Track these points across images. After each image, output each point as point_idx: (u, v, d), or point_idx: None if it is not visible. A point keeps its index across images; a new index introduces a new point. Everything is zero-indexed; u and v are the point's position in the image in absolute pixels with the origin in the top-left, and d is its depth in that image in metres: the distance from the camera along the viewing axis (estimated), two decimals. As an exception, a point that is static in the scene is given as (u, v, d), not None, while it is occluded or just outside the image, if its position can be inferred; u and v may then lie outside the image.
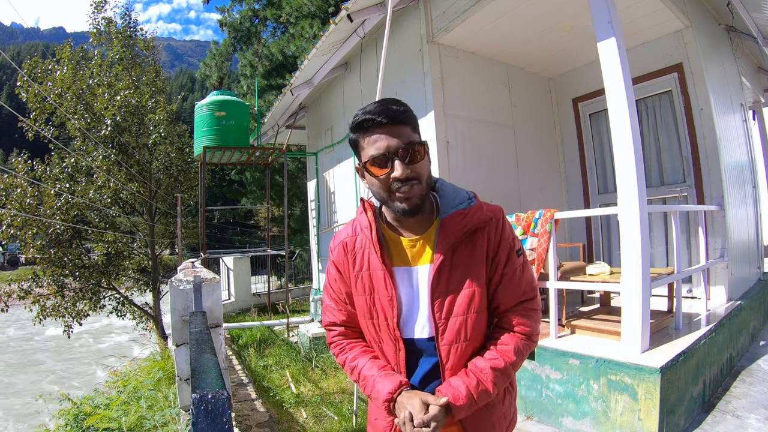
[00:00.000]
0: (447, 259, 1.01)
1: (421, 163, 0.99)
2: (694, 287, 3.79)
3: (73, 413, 4.00)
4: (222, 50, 13.42)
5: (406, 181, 0.97)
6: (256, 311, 9.05)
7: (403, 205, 0.99)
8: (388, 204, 1.02)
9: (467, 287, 1.01)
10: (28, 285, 9.23)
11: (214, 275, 2.46)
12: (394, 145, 0.96)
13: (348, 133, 1.02)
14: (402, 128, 0.99)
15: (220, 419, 0.64)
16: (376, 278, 1.05)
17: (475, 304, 1.01)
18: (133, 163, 10.37)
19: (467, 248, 1.02)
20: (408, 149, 0.97)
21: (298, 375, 4.48)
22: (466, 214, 1.02)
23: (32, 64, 9.93)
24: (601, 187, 4.74)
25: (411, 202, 0.98)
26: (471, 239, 1.03)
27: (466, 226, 1.01)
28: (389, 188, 0.99)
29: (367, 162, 0.98)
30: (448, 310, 1.01)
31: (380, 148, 0.96)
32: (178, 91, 37.65)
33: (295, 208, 14.74)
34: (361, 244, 1.09)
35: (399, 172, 0.96)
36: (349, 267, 1.10)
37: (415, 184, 0.98)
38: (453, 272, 1.01)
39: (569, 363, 2.53)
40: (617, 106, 2.52)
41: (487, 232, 1.03)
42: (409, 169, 0.97)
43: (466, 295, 1.01)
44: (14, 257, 35.27)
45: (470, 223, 1.01)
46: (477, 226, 1.02)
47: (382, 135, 0.97)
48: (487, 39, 4.04)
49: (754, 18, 3.98)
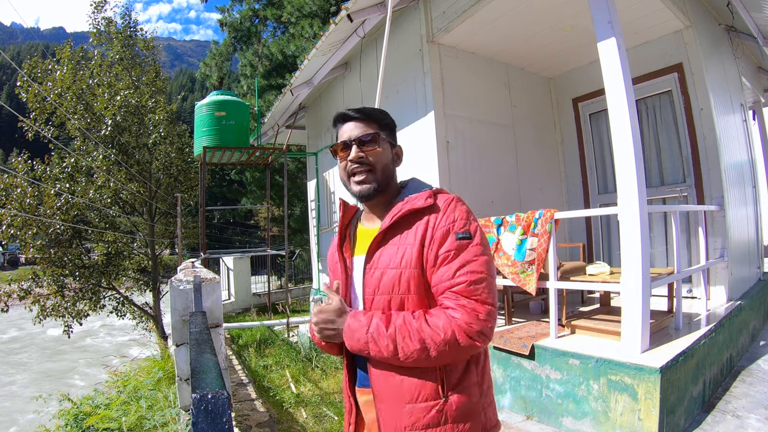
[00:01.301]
0: (385, 238, 1.07)
1: (377, 152, 1.11)
2: (694, 287, 3.79)
3: (73, 413, 4.00)
4: (222, 50, 13.42)
5: (360, 164, 1.10)
6: (256, 311, 9.06)
7: (356, 188, 1.11)
8: (348, 188, 1.15)
9: (395, 267, 1.03)
10: (28, 285, 9.23)
11: (214, 275, 2.46)
12: (357, 134, 1.11)
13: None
14: (369, 123, 1.13)
15: (220, 419, 0.64)
16: (338, 268, 1.17)
17: (401, 286, 1.02)
18: (133, 163, 10.37)
19: (403, 231, 1.05)
20: (366, 137, 1.10)
21: (298, 375, 4.48)
22: (412, 198, 1.08)
23: (32, 64, 9.93)
24: (601, 187, 4.74)
25: (363, 186, 1.10)
26: (411, 222, 1.05)
27: (402, 209, 1.06)
28: (347, 170, 1.13)
29: (335, 146, 1.14)
30: (374, 287, 1.05)
31: (345, 136, 1.13)
32: (178, 91, 37.65)
33: (295, 208, 14.75)
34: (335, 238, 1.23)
35: (353, 155, 1.10)
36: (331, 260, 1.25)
37: (368, 170, 1.10)
38: (386, 250, 1.06)
39: (569, 363, 2.53)
40: (617, 106, 2.52)
41: (426, 215, 1.04)
42: (363, 154, 1.10)
43: (393, 276, 1.03)
44: (14, 257, 35.26)
45: (410, 206, 1.05)
46: (416, 208, 1.04)
47: (351, 125, 1.13)
48: (487, 39, 4.04)
49: (754, 18, 3.98)
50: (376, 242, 1.07)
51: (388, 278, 1.04)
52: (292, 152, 8.34)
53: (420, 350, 0.95)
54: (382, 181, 1.11)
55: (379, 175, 1.11)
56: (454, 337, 0.94)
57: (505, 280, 3.08)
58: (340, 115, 1.15)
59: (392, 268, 1.03)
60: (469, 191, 4.02)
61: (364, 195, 1.11)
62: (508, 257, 3.06)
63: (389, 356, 0.97)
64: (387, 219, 1.07)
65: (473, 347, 0.95)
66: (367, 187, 1.10)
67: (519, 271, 2.98)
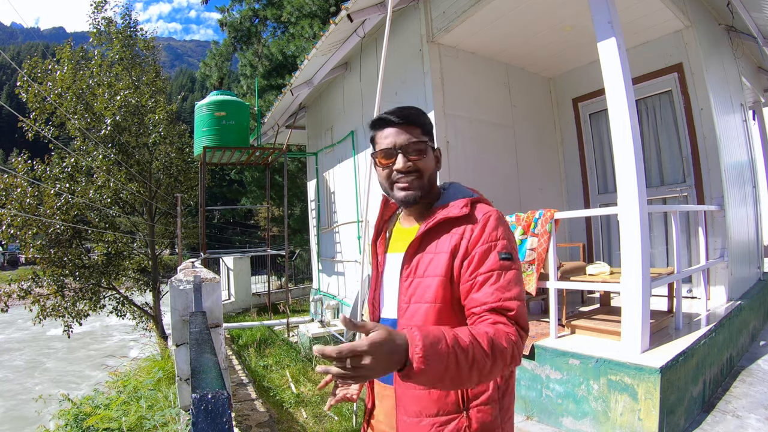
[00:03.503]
0: (419, 246, 1.06)
1: (424, 160, 1.08)
2: (694, 287, 3.79)
3: (73, 413, 4.00)
4: (222, 50, 13.42)
5: (407, 173, 1.07)
6: (256, 311, 9.05)
7: (401, 194, 1.08)
8: (390, 194, 1.12)
9: (430, 276, 1.02)
10: (28, 285, 9.23)
11: (214, 275, 2.46)
12: (401, 141, 1.07)
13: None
14: (412, 128, 1.08)
15: (220, 419, 0.64)
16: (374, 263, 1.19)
17: (435, 295, 1.00)
18: (133, 163, 10.37)
19: (438, 239, 1.04)
20: (412, 145, 1.07)
21: (298, 375, 4.48)
22: (449, 206, 1.06)
23: (32, 64, 9.93)
24: (601, 187, 4.74)
25: (408, 193, 1.08)
26: (446, 230, 1.04)
27: (437, 217, 1.05)
28: (390, 179, 1.10)
29: (377, 153, 1.10)
30: (411, 294, 1.04)
31: (389, 143, 1.08)
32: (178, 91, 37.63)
33: (295, 208, 14.74)
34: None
35: (400, 165, 1.07)
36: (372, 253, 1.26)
37: (415, 177, 1.08)
38: (423, 259, 1.05)
39: (569, 363, 2.53)
40: (617, 106, 2.52)
41: (464, 226, 1.02)
42: (410, 163, 1.07)
43: (428, 284, 1.02)
44: (14, 257, 35.25)
45: (443, 214, 1.04)
46: (450, 217, 1.03)
47: (392, 131, 1.09)
48: (487, 39, 4.04)
49: (754, 18, 3.98)
50: (412, 249, 1.06)
51: (423, 287, 1.02)
52: (292, 152, 8.34)
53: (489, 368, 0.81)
54: (426, 188, 1.10)
55: (425, 182, 1.09)
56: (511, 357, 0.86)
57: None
58: (379, 120, 1.11)
59: (428, 277, 1.02)
60: (469, 191, 4.01)
61: (409, 202, 1.09)
62: (508, 257, 3.05)
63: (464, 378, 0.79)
64: (423, 226, 1.06)
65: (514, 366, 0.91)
66: (412, 195, 1.08)
67: (519, 271, 2.98)
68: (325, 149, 6.45)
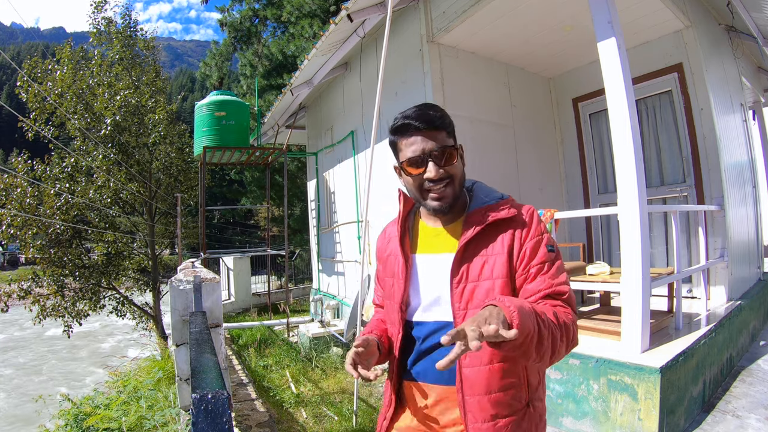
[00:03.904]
0: (468, 250, 1.05)
1: (454, 165, 1.07)
2: (694, 287, 3.79)
3: (73, 413, 4.00)
4: (222, 50, 13.42)
5: (440, 181, 1.05)
6: (256, 311, 9.05)
7: (434, 204, 1.07)
8: (422, 202, 1.10)
9: (487, 278, 1.03)
10: (28, 285, 9.22)
11: (214, 275, 2.46)
12: (429, 147, 1.04)
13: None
14: (437, 133, 1.06)
15: (220, 419, 0.64)
16: (397, 263, 1.13)
17: (494, 296, 1.01)
18: (133, 163, 10.37)
19: (490, 241, 1.05)
20: (441, 152, 1.05)
21: (298, 375, 4.48)
22: (491, 208, 1.07)
23: (32, 64, 9.92)
24: (601, 187, 4.74)
25: (443, 201, 1.06)
26: (495, 232, 1.06)
27: (489, 218, 1.05)
28: (422, 187, 1.07)
29: (404, 162, 1.07)
30: (467, 300, 1.03)
31: (416, 150, 1.04)
32: (178, 91, 37.64)
33: (295, 208, 14.74)
34: (393, 231, 1.19)
35: (432, 173, 1.04)
36: (384, 251, 1.22)
37: (448, 183, 1.06)
38: (474, 263, 1.04)
39: (569, 363, 2.53)
40: (617, 106, 2.52)
41: (513, 226, 1.06)
42: (442, 170, 1.04)
43: (486, 287, 1.02)
44: (14, 257, 35.24)
45: (493, 216, 1.05)
46: (500, 219, 1.05)
47: (418, 138, 1.05)
48: (487, 39, 4.04)
49: (754, 18, 3.98)
50: (460, 254, 1.04)
51: (481, 290, 1.02)
52: (292, 152, 8.34)
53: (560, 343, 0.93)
54: (458, 192, 1.09)
55: (457, 187, 1.08)
56: (573, 335, 0.97)
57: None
58: (403, 126, 1.06)
59: (485, 280, 1.03)
60: (469, 191, 4.02)
61: (444, 210, 1.08)
62: (508, 257, 3.05)
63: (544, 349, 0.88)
64: (470, 230, 1.04)
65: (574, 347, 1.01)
66: (447, 204, 1.07)
67: (519, 271, 2.98)
68: (325, 149, 6.45)
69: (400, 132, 1.08)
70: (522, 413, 1.02)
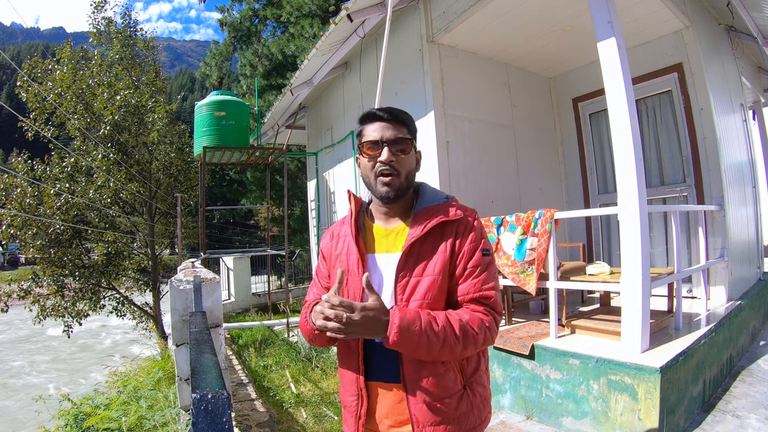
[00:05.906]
0: (414, 247, 1.11)
1: (406, 158, 1.15)
2: (694, 287, 3.79)
3: (73, 413, 4.00)
4: (222, 50, 13.41)
5: (390, 169, 1.12)
6: (256, 311, 9.05)
7: (383, 189, 1.13)
8: (372, 188, 1.17)
9: (428, 275, 1.10)
10: (28, 285, 9.23)
11: (214, 275, 2.46)
12: (388, 135, 1.13)
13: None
14: (399, 125, 1.15)
15: (220, 419, 0.64)
16: (351, 261, 1.17)
17: (433, 292, 1.09)
18: (133, 163, 10.37)
19: (435, 240, 1.12)
20: (398, 141, 1.13)
21: (298, 375, 4.48)
22: (437, 209, 1.15)
23: (32, 64, 9.93)
24: (601, 187, 4.74)
25: (391, 187, 1.13)
26: (440, 233, 1.13)
27: (434, 219, 1.12)
28: (374, 170, 1.14)
29: (363, 144, 1.15)
30: (409, 293, 1.09)
31: (376, 135, 1.14)
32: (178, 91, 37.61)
33: (295, 208, 14.74)
34: (344, 230, 1.24)
35: (385, 156, 1.12)
36: (332, 250, 1.25)
37: (395, 175, 1.13)
38: (418, 260, 1.11)
39: (569, 363, 2.53)
40: (617, 106, 2.52)
41: (455, 228, 1.13)
42: (394, 157, 1.12)
43: (428, 283, 1.09)
44: (14, 257, 35.24)
45: (438, 217, 1.12)
46: (445, 220, 1.12)
47: (380, 125, 1.15)
48: (488, 39, 4.04)
49: (754, 18, 3.98)
50: (407, 250, 1.11)
51: (423, 285, 1.09)
52: (292, 152, 8.34)
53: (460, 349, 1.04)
54: (406, 186, 1.16)
55: (404, 179, 1.15)
56: (483, 339, 1.07)
57: (505, 280, 3.08)
58: (369, 114, 1.17)
59: (426, 276, 1.10)
60: (469, 191, 4.02)
61: (390, 197, 1.14)
62: (508, 257, 3.06)
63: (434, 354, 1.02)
64: (419, 229, 1.11)
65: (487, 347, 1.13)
66: (394, 190, 1.13)
67: (519, 271, 2.98)
68: (325, 149, 6.45)
69: (367, 120, 1.17)
70: (459, 395, 1.10)
